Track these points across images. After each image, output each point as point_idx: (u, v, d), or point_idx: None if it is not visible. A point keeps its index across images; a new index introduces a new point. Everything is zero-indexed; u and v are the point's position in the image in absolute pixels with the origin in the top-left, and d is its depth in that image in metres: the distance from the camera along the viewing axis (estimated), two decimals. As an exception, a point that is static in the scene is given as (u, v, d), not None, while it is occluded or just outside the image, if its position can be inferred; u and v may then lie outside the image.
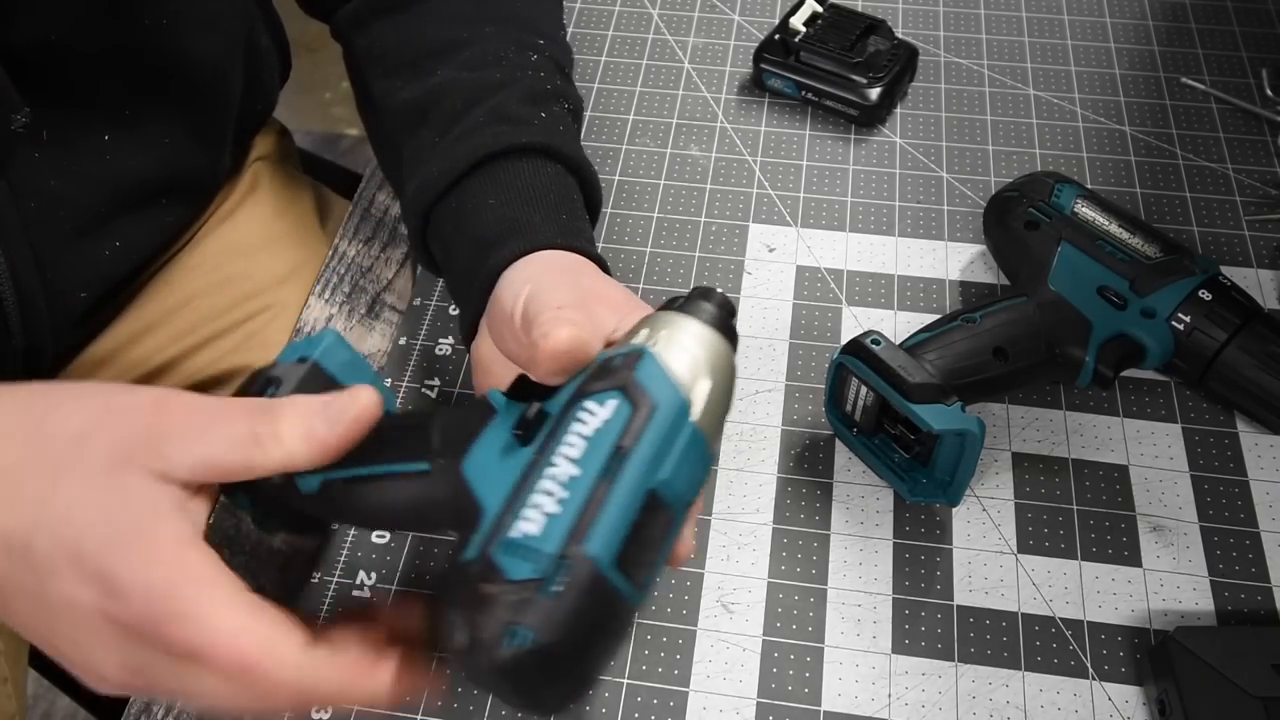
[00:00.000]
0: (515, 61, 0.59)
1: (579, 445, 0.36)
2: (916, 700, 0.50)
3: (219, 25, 0.63)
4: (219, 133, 0.67)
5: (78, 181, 0.58)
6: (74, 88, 0.56)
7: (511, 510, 0.36)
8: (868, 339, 0.53)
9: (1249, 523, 0.55)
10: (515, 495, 0.36)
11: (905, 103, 0.74)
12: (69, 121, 0.57)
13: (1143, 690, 0.50)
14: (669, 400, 0.37)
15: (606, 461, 0.35)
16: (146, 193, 0.62)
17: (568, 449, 0.36)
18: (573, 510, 0.35)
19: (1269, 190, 0.68)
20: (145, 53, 0.58)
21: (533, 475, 0.36)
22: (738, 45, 0.79)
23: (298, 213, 0.75)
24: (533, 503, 0.35)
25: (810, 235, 0.67)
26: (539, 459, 0.37)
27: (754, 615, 0.53)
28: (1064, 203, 0.60)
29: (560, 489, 0.35)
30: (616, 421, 0.36)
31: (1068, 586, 0.53)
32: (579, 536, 0.34)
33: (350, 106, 0.79)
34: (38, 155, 0.55)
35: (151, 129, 0.61)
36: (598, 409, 0.37)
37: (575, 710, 0.41)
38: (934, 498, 0.54)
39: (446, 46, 0.59)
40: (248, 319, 0.69)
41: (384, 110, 0.60)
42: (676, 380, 0.38)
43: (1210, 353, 0.55)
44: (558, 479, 0.35)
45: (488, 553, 0.35)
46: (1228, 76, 0.75)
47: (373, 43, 0.62)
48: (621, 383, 0.37)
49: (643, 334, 0.39)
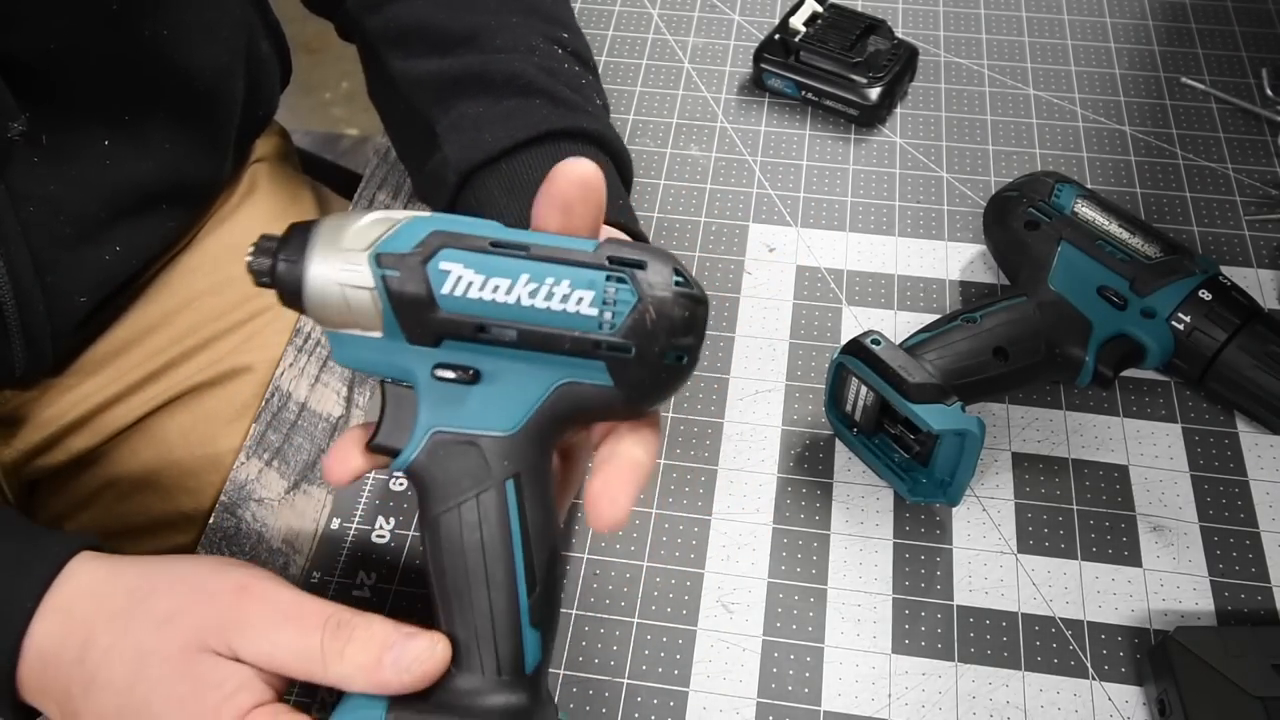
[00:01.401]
0: (546, 51, 0.60)
1: (494, 280, 0.39)
2: (916, 700, 0.50)
3: (219, 34, 0.63)
4: (220, 140, 0.67)
5: (77, 187, 0.58)
6: (74, 96, 0.56)
7: (568, 332, 0.39)
8: (868, 339, 0.53)
9: (1249, 523, 0.55)
10: (554, 340, 0.39)
11: (905, 103, 0.74)
12: (69, 128, 0.57)
13: (1143, 690, 0.50)
14: (418, 225, 0.39)
15: (506, 255, 0.39)
16: (147, 199, 0.62)
17: (498, 291, 0.38)
18: (561, 269, 0.39)
19: (1269, 190, 0.68)
20: (145, 62, 0.58)
21: (529, 321, 0.39)
22: (738, 45, 0.79)
23: (298, 213, 0.75)
24: (560, 310, 0.38)
25: (810, 235, 0.67)
26: (506, 328, 0.39)
27: (754, 615, 0.53)
28: (1064, 203, 0.60)
29: (540, 285, 0.39)
30: (462, 254, 0.39)
31: (1068, 586, 0.53)
32: (584, 258, 0.39)
33: (350, 106, 0.79)
34: (37, 160, 0.55)
35: (152, 136, 0.61)
36: (451, 276, 0.39)
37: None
38: (934, 498, 0.54)
39: (475, 32, 0.60)
40: (248, 319, 0.69)
41: (409, 85, 0.60)
42: (393, 227, 0.39)
43: (1210, 353, 0.55)
44: (532, 291, 0.39)
45: (614, 336, 0.38)
46: (1228, 76, 0.75)
47: (389, 25, 0.62)
48: (417, 262, 0.39)
49: (348, 276, 0.39)
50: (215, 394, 0.67)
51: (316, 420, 0.61)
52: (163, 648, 0.41)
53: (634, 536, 0.55)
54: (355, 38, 0.65)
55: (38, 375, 0.63)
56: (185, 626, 0.41)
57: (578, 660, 0.51)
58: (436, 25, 0.60)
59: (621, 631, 0.52)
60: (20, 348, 0.58)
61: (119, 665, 0.42)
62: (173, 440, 0.67)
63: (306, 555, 0.55)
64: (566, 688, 0.51)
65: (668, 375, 0.39)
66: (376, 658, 0.39)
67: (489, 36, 0.59)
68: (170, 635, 0.41)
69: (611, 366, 0.39)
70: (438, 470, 0.40)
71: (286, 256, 0.39)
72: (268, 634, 0.41)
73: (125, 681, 0.41)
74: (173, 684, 0.41)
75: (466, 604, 0.39)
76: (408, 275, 0.38)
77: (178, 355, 0.67)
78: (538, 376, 0.39)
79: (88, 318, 0.63)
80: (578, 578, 0.54)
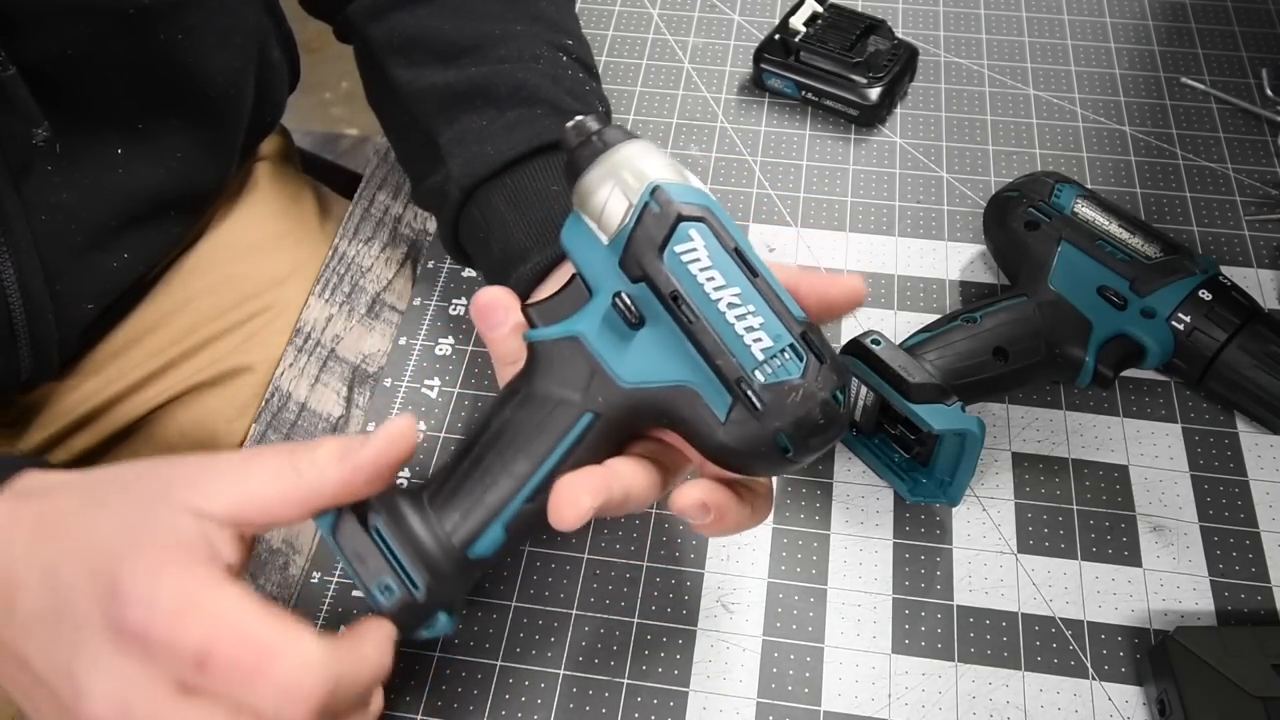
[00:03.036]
0: (551, 59, 0.59)
1: (715, 274, 0.41)
2: (916, 700, 0.50)
3: (233, 41, 0.63)
4: (229, 145, 0.67)
5: (90, 195, 0.58)
6: (90, 103, 0.56)
7: (731, 353, 0.40)
8: (868, 339, 0.53)
9: (1249, 523, 0.55)
10: (719, 345, 0.40)
11: (905, 103, 0.74)
12: (83, 136, 0.57)
13: (1143, 690, 0.50)
14: (700, 195, 0.42)
15: (738, 266, 0.41)
16: (156, 205, 0.62)
17: (710, 283, 0.41)
18: (766, 309, 0.41)
19: (1269, 190, 0.68)
20: (160, 69, 0.58)
21: (710, 321, 0.41)
22: (738, 45, 0.79)
23: (298, 213, 0.75)
24: (740, 333, 0.40)
25: (810, 235, 0.67)
26: (692, 314, 0.41)
27: (754, 615, 0.53)
28: (1064, 203, 0.60)
29: (742, 307, 0.41)
30: (710, 238, 0.41)
31: (1068, 586, 0.53)
32: (788, 319, 0.41)
33: (350, 106, 0.79)
34: (50, 169, 0.56)
35: (164, 143, 0.61)
36: (689, 244, 0.41)
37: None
38: (934, 498, 0.54)
39: (480, 41, 0.59)
40: (248, 319, 0.69)
41: (411, 95, 0.59)
42: (685, 182, 0.43)
43: (1210, 353, 0.55)
44: (733, 304, 0.41)
45: (760, 385, 0.40)
46: (1228, 76, 0.75)
47: (393, 34, 0.61)
48: (675, 214, 0.41)
49: (624, 184, 0.42)
50: (215, 394, 0.68)
51: (316, 420, 0.61)
52: (122, 501, 0.39)
53: (634, 536, 0.55)
54: (356, 43, 0.65)
55: (42, 381, 0.63)
56: (149, 482, 0.39)
57: (578, 660, 0.51)
58: (441, 34, 0.60)
59: (621, 631, 0.52)
60: (27, 355, 0.59)
61: (76, 520, 0.39)
62: (173, 440, 0.67)
63: (307, 555, 0.55)
64: (566, 687, 0.51)
65: (766, 451, 0.41)
66: (346, 444, 0.40)
67: (493, 46, 0.59)
68: (134, 492, 0.39)
69: (734, 407, 0.41)
70: (555, 359, 0.43)
71: (603, 136, 0.43)
72: (239, 473, 0.39)
73: (81, 528, 0.38)
74: (129, 523, 0.38)
75: (476, 460, 0.42)
76: (662, 217, 0.41)
77: (178, 355, 0.68)
78: (679, 366, 0.42)
79: (92, 324, 0.63)
80: (578, 577, 0.54)
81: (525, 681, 0.51)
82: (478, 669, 0.51)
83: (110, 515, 0.39)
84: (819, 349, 0.41)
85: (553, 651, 0.52)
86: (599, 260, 0.43)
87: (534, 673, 0.51)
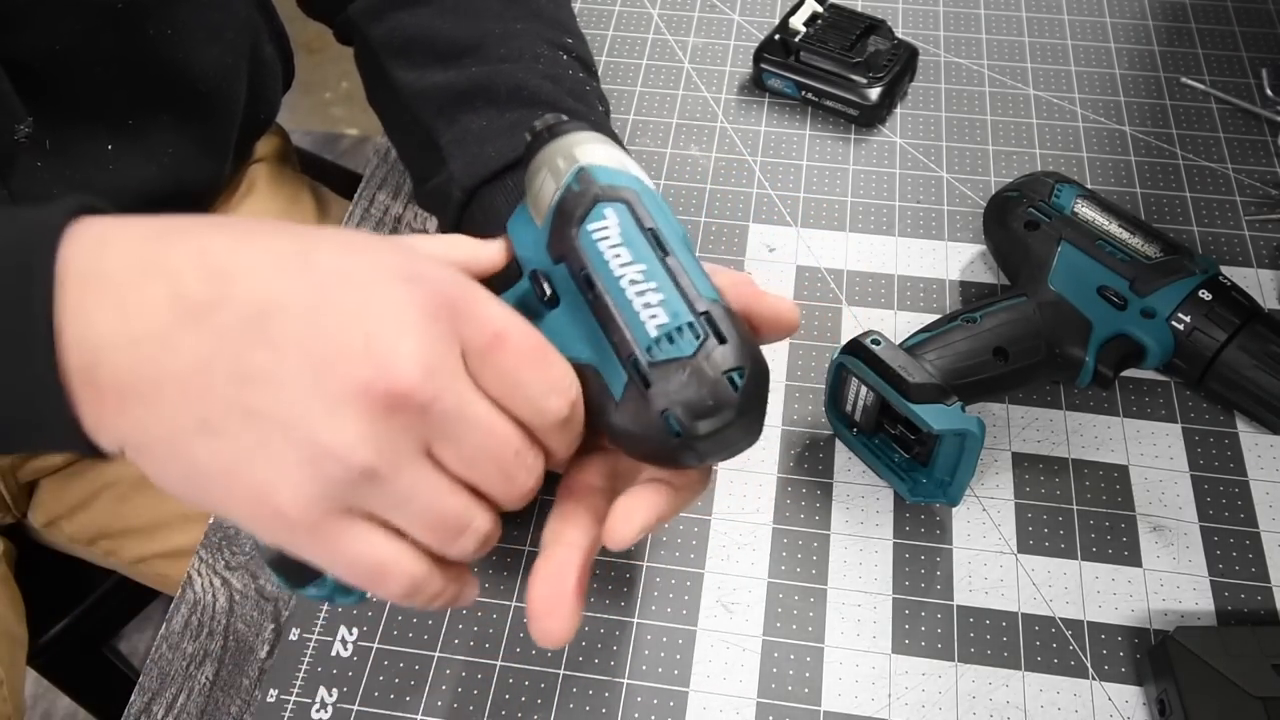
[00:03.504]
0: (551, 58, 0.59)
1: (622, 251, 0.40)
2: (916, 700, 0.50)
3: (223, 37, 0.63)
4: (222, 143, 0.67)
5: (80, 191, 0.58)
6: (78, 98, 0.56)
7: (626, 328, 0.39)
8: (868, 339, 0.53)
9: (1249, 523, 0.55)
10: (615, 321, 0.39)
11: (905, 103, 0.74)
12: (72, 131, 0.56)
13: (1143, 690, 0.50)
14: (630, 179, 0.43)
15: (650, 244, 0.40)
16: (149, 202, 0.62)
17: (616, 260, 0.40)
18: (670, 286, 0.39)
19: (1269, 190, 0.68)
20: (149, 64, 0.58)
21: (612, 296, 0.40)
22: (738, 45, 0.79)
23: (297, 213, 0.75)
24: (638, 309, 0.39)
25: (810, 235, 0.67)
26: (594, 290, 0.40)
27: (754, 615, 0.53)
28: (1064, 203, 0.60)
29: (645, 284, 0.39)
30: (625, 216, 0.41)
31: (1068, 586, 0.53)
32: (693, 296, 0.39)
33: (350, 106, 0.79)
34: (40, 164, 0.55)
35: (155, 139, 0.61)
36: (602, 222, 0.41)
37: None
38: (934, 498, 0.54)
39: (479, 41, 0.59)
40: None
41: (412, 96, 0.59)
42: (621, 169, 0.43)
43: (1210, 353, 0.55)
44: (635, 281, 0.40)
45: (649, 361, 0.38)
46: (1228, 76, 0.75)
47: (393, 34, 0.61)
48: (594, 194, 0.41)
49: (555, 169, 0.43)
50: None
51: (316, 420, 0.60)
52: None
53: (634, 536, 0.55)
54: (356, 43, 0.65)
55: None
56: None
57: (577, 660, 0.51)
58: (441, 34, 0.60)
59: (621, 631, 0.52)
60: None
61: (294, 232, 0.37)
62: None
63: (306, 555, 0.55)
64: (566, 687, 0.51)
65: (656, 434, 0.39)
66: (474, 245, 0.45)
67: (494, 45, 0.59)
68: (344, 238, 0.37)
69: (627, 387, 0.39)
70: None
71: (554, 130, 0.45)
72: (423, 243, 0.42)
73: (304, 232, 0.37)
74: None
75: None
76: (581, 197, 0.42)
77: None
78: (584, 345, 0.41)
79: None
80: (578, 578, 0.54)
81: (525, 681, 0.51)
82: (478, 669, 0.51)
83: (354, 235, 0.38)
84: (720, 329, 0.39)
85: (553, 652, 0.52)
86: (531, 243, 0.44)
87: (534, 673, 0.51)
